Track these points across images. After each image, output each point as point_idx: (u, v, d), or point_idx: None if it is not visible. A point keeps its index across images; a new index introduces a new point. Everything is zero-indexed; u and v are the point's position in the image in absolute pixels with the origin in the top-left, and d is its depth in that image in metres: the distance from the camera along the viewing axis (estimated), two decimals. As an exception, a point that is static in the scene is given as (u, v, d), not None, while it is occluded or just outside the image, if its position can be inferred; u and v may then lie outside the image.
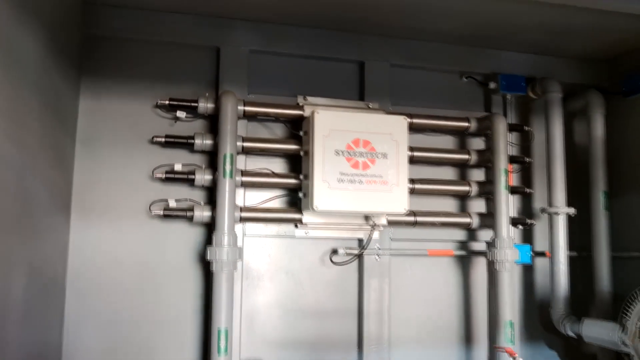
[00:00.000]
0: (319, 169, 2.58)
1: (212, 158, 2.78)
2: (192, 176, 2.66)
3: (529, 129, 3.25)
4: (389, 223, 2.89)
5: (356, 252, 2.89)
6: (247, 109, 2.73)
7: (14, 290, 1.96)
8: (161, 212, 2.63)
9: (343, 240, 2.95)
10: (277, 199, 2.89)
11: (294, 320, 2.89)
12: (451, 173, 3.21)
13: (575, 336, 2.96)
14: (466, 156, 3.07)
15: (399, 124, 2.72)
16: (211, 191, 2.77)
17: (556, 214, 3.06)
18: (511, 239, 2.89)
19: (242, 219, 2.71)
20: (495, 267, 2.89)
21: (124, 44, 2.80)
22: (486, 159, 3.07)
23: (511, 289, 2.89)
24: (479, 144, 3.25)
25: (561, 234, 3.05)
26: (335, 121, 2.64)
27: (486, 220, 3.04)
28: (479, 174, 3.24)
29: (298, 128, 2.85)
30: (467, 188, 3.05)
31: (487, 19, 2.86)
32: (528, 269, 3.28)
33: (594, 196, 3.16)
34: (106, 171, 2.71)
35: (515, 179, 3.24)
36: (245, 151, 2.78)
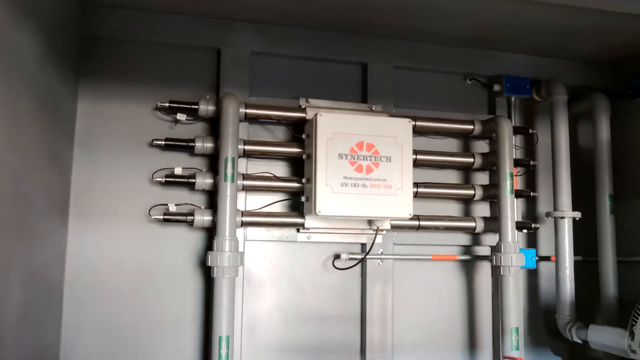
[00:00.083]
0: (322, 172, 2.54)
1: (212, 161, 2.74)
2: (193, 180, 2.62)
3: (534, 131, 3.21)
4: (392, 227, 2.85)
5: (359, 256, 2.84)
6: (248, 111, 2.69)
7: (11, 295, 1.93)
8: (161, 216, 2.59)
9: (346, 245, 2.91)
10: (279, 203, 2.84)
11: (296, 326, 2.85)
12: (454, 176, 3.17)
13: (581, 342, 2.92)
14: (470, 159, 3.03)
15: (403, 126, 2.68)
16: (212, 195, 2.73)
17: (562, 218, 3.02)
18: (516, 243, 2.85)
19: (244, 224, 2.66)
20: (500, 272, 2.84)
21: (123, 45, 2.76)
22: (490, 162, 3.03)
23: (516, 294, 2.84)
24: (482, 147, 3.22)
25: (567, 238, 3.01)
26: (339, 124, 2.60)
27: (490, 224, 3.00)
28: (482, 178, 3.20)
29: (300, 131, 2.80)
30: (471, 192, 3.01)
31: (491, 21, 2.82)
32: (532, 274, 3.24)
33: (599, 200, 3.12)
34: (105, 175, 2.67)
35: (519, 182, 3.20)
36: (246, 154, 2.73)
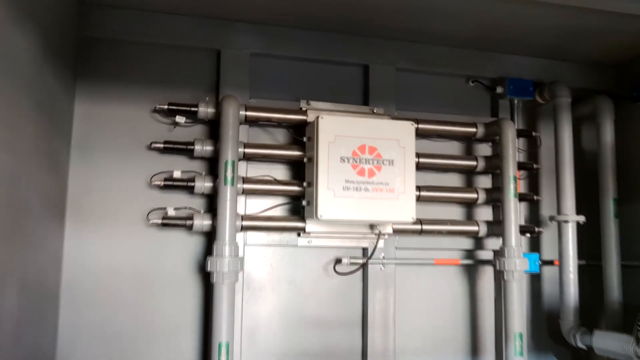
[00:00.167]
0: (323, 176, 2.50)
1: (212, 165, 2.70)
2: (192, 183, 2.58)
3: (537, 134, 3.18)
4: (395, 231, 2.81)
5: (361, 261, 2.81)
6: (248, 113, 2.65)
7: (6, 300, 1.90)
8: (159, 220, 2.55)
9: (347, 249, 2.87)
10: (279, 207, 2.80)
11: (296, 332, 2.81)
12: (457, 179, 3.14)
13: (585, 348, 2.89)
14: (473, 162, 3.00)
15: (406, 129, 2.64)
16: (211, 199, 2.69)
17: (565, 222, 2.98)
18: (520, 248, 2.81)
19: (244, 228, 2.63)
20: (504, 277, 2.80)
21: (121, 46, 2.72)
22: (494, 166, 2.99)
23: (520, 299, 2.80)
24: (485, 149, 3.18)
25: (570, 243, 2.98)
26: (341, 127, 2.56)
27: (493, 228, 2.97)
28: (485, 181, 3.16)
29: (301, 133, 2.76)
30: (474, 195, 2.98)
31: (494, 22, 2.79)
32: (535, 278, 3.20)
33: (603, 203, 3.09)
34: (102, 178, 2.63)
35: (522, 186, 3.17)
36: (246, 157, 2.69)
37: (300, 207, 2.73)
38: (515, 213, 2.82)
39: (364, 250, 2.88)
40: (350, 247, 2.86)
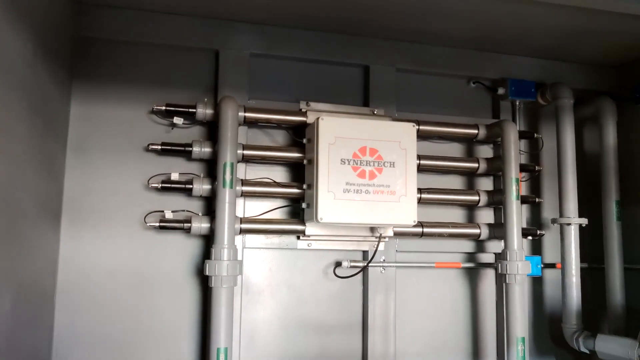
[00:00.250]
0: (323, 178, 2.46)
1: (210, 167, 2.66)
2: (190, 186, 2.54)
3: (539, 136, 3.15)
4: (395, 234, 2.77)
5: (361, 264, 2.77)
6: (247, 115, 2.61)
7: (0, 304, 1.86)
8: (157, 223, 2.50)
9: (347, 252, 2.84)
10: (278, 210, 2.76)
11: (296, 336, 2.77)
12: (458, 182, 3.10)
13: (588, 352, 2.85)
14: (475, 164, 2.96)
15: (407, 131, 2.61)
16: (209, 201, 2.65)
17: (568, 224, 2.95)
18: (522, 251, 2.78)
19: (242, 231, 2.58)
20: (506, 280, 2.77)
21: (118, 47, 2.67)
22: (495, 168, 2.96)
23: (522, 303, 2.76)
24: (486, 151, 3.15)
25: (573, 245, 2.94)
26: (341, 128, 2.52)
27: (495, 231, 2.93)
28: (486, 183, 3.13)
29: (301, 135, 2.73)
30: (475, 198, 2.95)
31: (496, 23, 2.76)
32: (537, 281, 3.17)
33: (605, 206, 3.05)
34: (99, 180, 2.58)
35: (524, 188, 3.13)
36: (245, 159, 2.65)
37: (299, 209, 2.69)
38: (518, 215, 2.78)
39: (364, 253, 2.84)
40: (351, 250, 2.83)
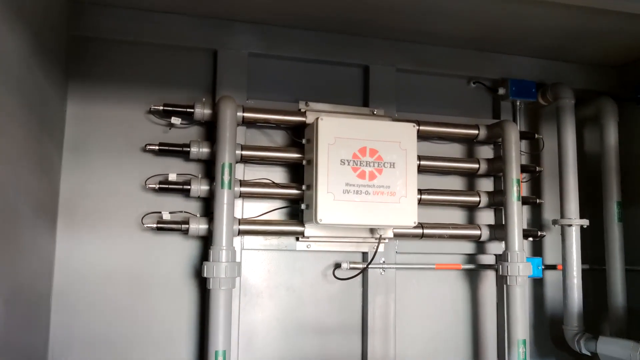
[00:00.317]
0: (323, 179, 2.44)
1: (208, 167, 2.64)
2: (188, 186, 2.51)
3: (540, 136, 3.13)
4: (395, 235, 2.75)
5: (361, 266, 2.74)
6: (246, 115, 2.59)
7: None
8: (154, 224, 2.48)
9: (346, 254, 2.81)
10: (277, 211, 2.74)
11: (295, 339, 2.74)
12: (458, 182, 3.08)
13: (590, 354, 2.83)
14: (475, 165, 2.94)
15: (407, 131, 2.58)
16: (207, 202, 2.63)
17: (569, 225, 2.93)
18: (523, 252, 2.75)
19: (241, 232, 2.56)
20: (507, 282, 2.75)
21: (115, 46, 2.65)
22: (496, 168, 2.94)
23: (523, 305, 2.74)
24: (486, 152, 3.13)
25: (574, 247, 2.92)
26: (341, 128, 2.50)
27: (496, 232, 2.91)
28: (487, 184, 3.11)
29: (300, 135, 2.70)
30: (476, 199, 2.93)
31: (496, 23, 2.74)
32: (538, 283, 3.15)
33: (607, 207, 3.03)
34: (95, 181, 2.56)
35: (524, 189, 3.11)
36: (244, 160, 2.63)
37: (298, 210, 2.66)
38: (519, 216, 2.76)
39: (364, 254, 2.82)
40: (350, 251, 2.80)
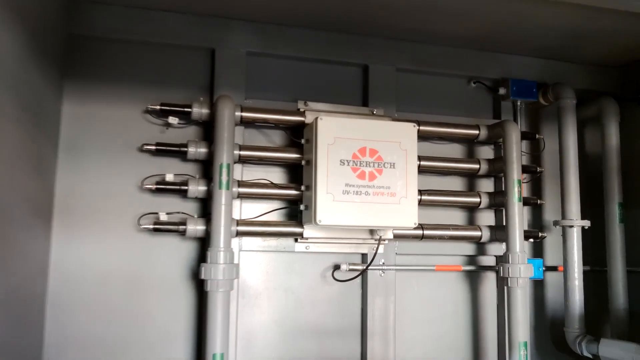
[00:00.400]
0: (322, 179, 2.40)
1: (206, 167, 2.60)
2: (185, 187, 2.47)
3: (541, 136, 3.11)
4: (395, 237, 2.72)
5: (360, 267, 2.71)
6: (244, 114, 2.55)
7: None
8: (151, 225, 2.44)
9: (345, 255, 2.78)
10: (276, 212, 2.71)
11: (293, 341, 2.71)
12: (458, 183, 3.05)
13: (591, 357, 2.80)
14: (476, 165, 2.91)
15: (408, 131, 2.56)
16: (205, 203, 2.60)
17: (570, 226, 2.90)
18: (525, 254, 2.73)
19: (239, 233, 2.52)
20: (508, 283, 2.72)
21: (111, 45, 2.61)
22: (497, 169, 2.91)
23: (524, 307, 2.71)
24: (487, 152, 3.10)
25: (575, 248, 2.89)
26: (341, 128, 2.46)
27: (497, 233, 2.88)
28: (487, 184, 3.08)
29: (299, 135, 2.67)
30: (476, 199, 2.90)
31: (497, 22, 2.71)
32: (538, 285, 3.12)
33: (608, 208, 3.00)
34: (91, 181, 2.52)
35: (525, 190, 3.08)
36: (242, 160, 2.59)
37: (297, 211, 2.64)
38: (520, 217, 2.73)
39: (363, 256, 2.79)
40: (349, 253, 2.77)
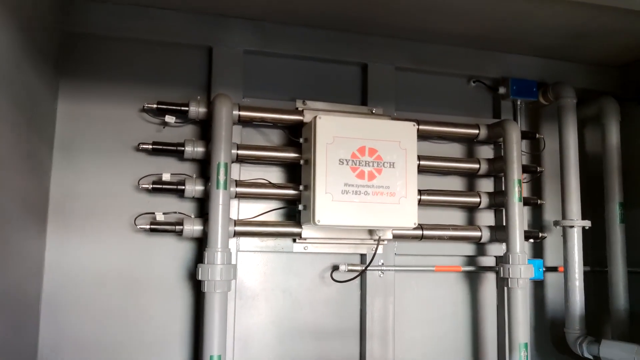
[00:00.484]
0: (321, 179, 2.38)
1: (203, 167, 2.58)
2: (182, 187, 2.45)
3: (541, 136, 3.09)
4: (394, 237, 2.70)
5: (359, 268, 2.69)
6: (242, 113, 2.53)
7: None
8: (147, 225, 2.42)
9: (344, 256, 2.76)
10: (274, 212, 2.68)
11: (291, 343, 2.68)
12: (458, 183, 3.03)
13: (592, 358, 2.78)
14: (476, 165, 2.89)
15: (407, 131, 2.53)
16: (202, 203, 2.57)
17: (571, 227, 2.88)
18: (525, 254, 2.70)
19: (236, 233, 2.50)
20: (508, 284, 2.70)
21: (108, 43, 2.59)
22: (497, 169, 2.89)
23: (525, 308, 2.69)
24: (486, 152, 3.08)
25: (576, 248, 2.87)
26: (339, 127, 2.44)
27: (497, 233, 2.86)
28: (487, 184, 3.06)
29: (297, 135, 2.65)
30: (476, 199, 2.88)
31: (497, 21, 2.70)
32: (539, 285, 3.10)
33: (609, 208, 2.99)
34: (87, 181, 2.49)
35: (525, 189, 3.06)
36: (239, 159, 2.57)
37: (296, 211, 2.61)
38: (520, 218, 2.71)
39: (362, 256, 2.77)
40: (348, 253, 2.75)
